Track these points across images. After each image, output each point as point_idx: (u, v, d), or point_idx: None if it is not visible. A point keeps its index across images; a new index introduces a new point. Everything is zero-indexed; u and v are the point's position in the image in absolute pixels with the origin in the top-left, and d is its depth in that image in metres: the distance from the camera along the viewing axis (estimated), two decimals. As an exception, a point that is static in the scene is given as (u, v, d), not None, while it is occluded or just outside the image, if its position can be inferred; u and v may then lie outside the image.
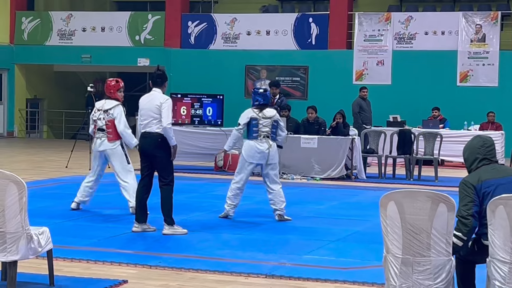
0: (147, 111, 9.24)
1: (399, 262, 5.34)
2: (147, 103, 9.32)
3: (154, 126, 9.19)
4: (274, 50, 23.77)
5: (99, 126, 10.72)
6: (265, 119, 10.59)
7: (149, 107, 9.25)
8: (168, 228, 9.23)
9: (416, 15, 23.11)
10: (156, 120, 9.18)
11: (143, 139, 9.32)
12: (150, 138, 9.20)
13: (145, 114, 9.25)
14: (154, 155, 9.22)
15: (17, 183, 5.94)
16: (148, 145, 9.24)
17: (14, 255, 6.07)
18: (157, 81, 9.49)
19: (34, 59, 25.94)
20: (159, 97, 9.28)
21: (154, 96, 9.34)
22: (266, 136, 10.54)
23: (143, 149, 9.32)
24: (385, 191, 5.60)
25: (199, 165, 17.52)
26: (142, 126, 9.34)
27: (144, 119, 9.27)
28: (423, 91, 22.31)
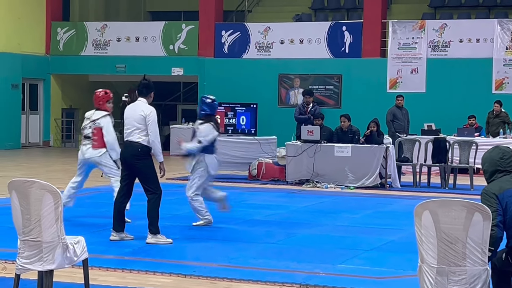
0: (131, 120, 9.29)
1: (434, 272, 5.30)
2: (131, 112, 9.35)
3: (135, 136, 9.24)
4: (307, 59, 23.76)
5: (85, 134, 10.85)
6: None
7: (133, 116, 9.30)
8: (151, 237, 9.23)
9: (451, 22, 22.98)
10: (139, 130, 9.23)
11: (124, 148, 9.38)
12: (131, 147, 9.25)
13: (129, 123, 9.30)
14: (134, 164, 9.25)
15: (52, 193, 5.99)
16: (128, 154, 9.29)
17: (50, 264, 6.11)
18: (142, 90, 9.45)
19: (70, 69, 26.19)
20: (143, 107, 9.29)
21: (137, 106, 9.36)
22: None
23: (124, 158, 9.39)
24: (420, 200, 5.57)
25: (233, 174, 17.55)
26: (126, 135, 9.37)
27: (128, 128, 9.32)
28: (458, 99, 22.16)
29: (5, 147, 24.57)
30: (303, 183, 15.86)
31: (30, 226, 6.05)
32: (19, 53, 25.36)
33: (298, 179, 15.99)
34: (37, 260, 6.10)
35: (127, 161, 9.33)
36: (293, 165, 15.97)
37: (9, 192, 6.08)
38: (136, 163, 9.26)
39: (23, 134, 25.81)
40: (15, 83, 25.34)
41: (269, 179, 16.43)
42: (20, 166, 19.14)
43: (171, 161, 22.29)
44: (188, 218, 11.27)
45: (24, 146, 25.61)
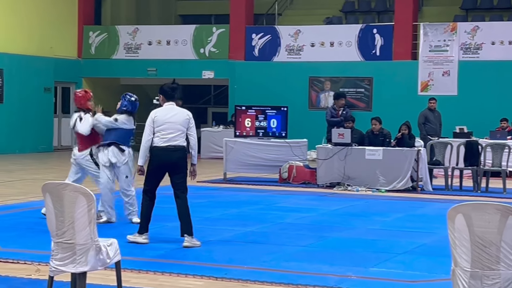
0: (175, 124, 9.24)
1: (468, 276, 5.26)
2: (173, 116, 9.24)
3: (181, 140, 9.32)
4: (338, 62, 23.73)
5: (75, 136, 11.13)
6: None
7: (178, 120, 9.27)
8: (190, 239, 9.23)
9: (483, 24, 22.82)
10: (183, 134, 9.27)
11: (168, 152, 9.22)
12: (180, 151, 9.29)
13: (172, 128, 9.20)
14: (182, 167, 9.43)
15: (86, 195, 6.03)
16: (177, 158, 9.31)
17: (84, 267, 6.16)
18: (173, 95, 9.37)
19: (101, 72, 26.37)
20: (184, 111, 9.37)
21: (178, 110, 9.34)
22: None
23: (171, 162, 9.30)
24: (452, 203, 5.54)
25: (264, 177, 17.56)
26: (167, 139, 9.22)
27: (170, 132, 9.22)
28: (490, 102, 22.00)
29: (37, 150, 24.80)
30: (334, 186, 15.83)
31: (63, 228, 6.10)
32: (52, 57, 25.58)
33: (329, 182, 15.97)
34: (71, 262, 6.15)
35: (178, 164, 9.25)
36: (324, 168, 15.94)
37: (43, 194, 6.13)
38: (183, 166, 9.29)
39: (55, 137, 26.04)
40: (47, 86, 25.58)
41: (300, 182, 16.42)
42: (52, 169, 19.31)
43: (203, 164, 22.37)
44: (220, 221, 11.30)
45: (56, 149, 25.83)
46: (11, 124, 24.15)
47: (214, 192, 15.13)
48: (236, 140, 17.33)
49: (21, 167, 19.48)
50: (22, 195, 13.82)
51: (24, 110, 24.61)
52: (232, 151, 17.16)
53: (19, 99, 24.39)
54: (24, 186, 15.41)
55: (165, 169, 9.30)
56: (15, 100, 24.26)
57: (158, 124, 9.16)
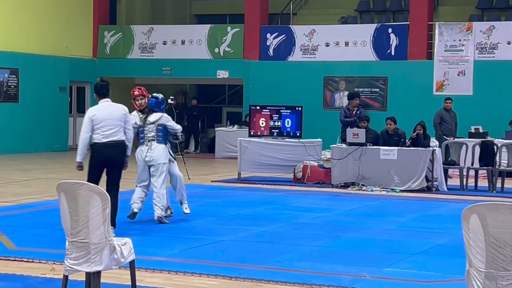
0: (113, 120, 9.59)
1: (483, 276, 5.24)
2: (109, 113, 9.62)
3: (120, 134, 9.64)
4: (353, 61, 23.68)
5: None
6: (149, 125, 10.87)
7: (114, 116, 9.62)
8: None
9: (498, 24, 22.72)
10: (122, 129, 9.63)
11: (109, 147, 9.59)
12: (119, 146, 9.61)
13: (111, 124, 9.58)
14: (121, 162, 9.69)
15: (100, 195, 6.05)
16: (118, 153, 9.65)
17: (98, 266, 6.17)
18: (104, 92, 9.74)
19: (116, 72, 26.42)
20: (119, 106, 9.74)
21: (114, 106, 9.72)
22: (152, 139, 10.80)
23: (112, 157, 9.65)
24: (467, 203, 5.52)
25: (278, 176, 17.56)
26: (107, 135, 9.60)
27: (110, 128, 9.59)
28: (505, 102, 21.89)
29: (53, 149, 24.89)
30: (348, 186, 15.81)
31: (78, 228, 6.12)
32: (67, 57, 25.67)
33: (343, 182, 15.95)
34: (85, 261, 6.17)
35: (116, 160, 9.62)
36: (338, 168, 15.92)
37: (57, 194, 6.15)
38: (122, 162, 9.68)
39: (70, 136, 26.12)
40: (62, 86, 25.67)
41: (314, 182, 16.41)
42: (67, 168, 19.35)
43: (217, 163, 22.39)
44: (234, 220, 11.31)
45: (71, 149, 25.89)
46: (26, 124, 24.25)
47: (229, 191, 15.14)
48: (250, 140, 17.34)
49: (36, 167, 19.56)
50: (37, 194, 13.88)
51: (39, 109, 24.71)
52: (247, 150, 17.16)
53: (35, 99, 24.49)
54: (39, 185, 15.48)
55: (106, 164, 9.66)
56: (31, 100, 24.37)
57: (97, 122, 9.56)
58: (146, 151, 10.73)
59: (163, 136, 10.85)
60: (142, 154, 10.75)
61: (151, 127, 10.81)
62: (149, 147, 10.75)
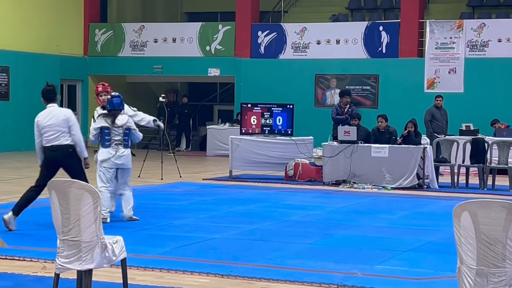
0: (54, 126, 9.82)
1: (474, 273, 5.26)
2: (51, 119, 9.89)
3: (63, 139, 9.86)
4: (344, 59, 23.71)
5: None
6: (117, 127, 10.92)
7: (56, 122, 9.86)
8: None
9: (489, 22, 22.77)
10: (64, 133, 9.85)
11: (53, 151, 9.85)
12: (62, 150, 9.82)
13: (52, 129, 9.83)
14: (67, 164, 9.93)
15: (91, 193, 6.04)
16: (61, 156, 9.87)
17: (89, 264, 6.16)
18: (50, 96, 10.20)
19: (107, 70, 26.38)
20: (63, 111, 10.11)
21: (56, 111, 10.02)
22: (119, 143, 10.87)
23: (55, 160, 9.91)
24: (458, 200, 5.53)
25: (270, 174, 17.57)
26: (49, 140, 9.86)
27: (52, 133, 9.84)
28: (496, 99, 21.96)
29: (44, 148, 24.81)
30: (339, 183, 15.83)
31: (69, 226, 6.11)
32: (58, 55, 25.62)
33: (334, 180, 15.97)
34: (76, 260, 6.16)
35: (60, 162, 9.88)
36: (329, 166, 15.94)
37: (48, 192, 6.14)
38: (71, 163, 9.91)
39: (61, 134, 26.05)
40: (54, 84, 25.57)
41: (306, 180, 16.42)
42: (58, 167, 19.32)
43: (208, 161, 22.39)
44: (225, 218, 11.31)
45: (62, 147, 25.86)
46: (17, 122, 24.19)
47: (220, 189, 15.14)
48: (242, 138, 17.34)
49: (27, 165, 19.50)
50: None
51: (30, 107, 24.57)
52: (238, 148, 17.17)
53: (25, 97, 24.42)
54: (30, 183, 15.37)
55: (54, 166, 9.96)
56: (21, 98, 24.30)
57: (41, 127, 9.90)
58: (114, 154, 10.80)
59: (129, 140, 10.97)
60: (109, 156, 10.81)
61: (118, 130, 10.87)
62: (117, 150, 10.82)
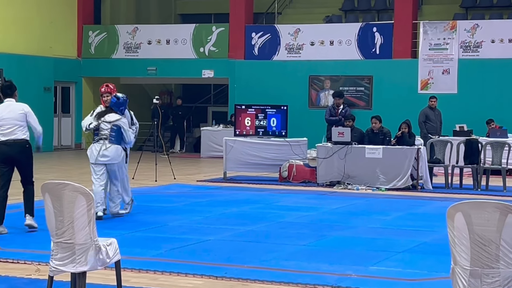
0: (11, 120, 9.98)
1: (467, 274, 5.27)
2: (8, 113, 10.03)
3: (20, 133, 10.03)
4: (338, 60, 23.72)
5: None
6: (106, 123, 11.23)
7: (13, 115, 10.02)
8: (31, 218, 10.10)
9: (482, 23, 22.80)
10: (22, 127, 10.06)
11: (9, 146, 9.95)
12: (18, 144, 9.97)
13: (9, 123, 9.97)
14: (20, 159, 10.09)
15: (85, 195, 6.04)
16: (16, 151, 10.01)
17: (83, 266, 6.16)
18: (7, 91, 10.28)
19: (101, 72, 26.35)
20: (20, 106, 10.26)
21: (13, 106, 10.17)
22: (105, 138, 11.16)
23: (11, 155, 10.02)
24: (452, 201, 5.54)
25: (264, 175, 17.56)
26: (5, 134, 9.97)
27: (8, 127, 9.97)
28: (490, 100, 21.98)
29: (37, 150, 24.76)
30: (334, 184, 15.83)
31: (63, 228, 6.10)
32: (51, 57, 25.58)
33: (329, 181, 15.97)
34: (70, 262, 6.15)
35: (16, 158, 9.97)
36: (324, 167, 15.95)
37: (42, 194, 6.13)
38: (25, 158, 10.09)
39: (55, 137, 26.03)
40: (47, 86, 25.57)
41: (300, 181, 16.43)
42: (52, 169, 19.31)
43: (202, 163, 22.38)
44: (219, 220, 11.30)
45: (56, 149, 25.83)
46: (11, 124, 24.13)
47: (214, 191, 15.13)
48: (236, 139, 17.33)
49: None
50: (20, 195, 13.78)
51: (24, 110, 24.60)
52: (232, 150, 17.16)
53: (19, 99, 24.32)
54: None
55: (9, 161, 10.00)
56: (15, 100, 24.24)
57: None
58: (99, 149, 11.13)
59: (116, 137, 11.17)
60: (95, 151, 11.14)
61: (106, 125, 11.25)
62: (102, 145, 11.16)
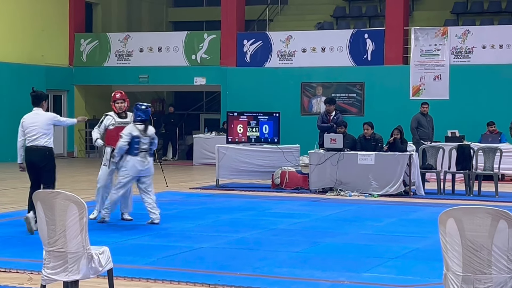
0: (36, 127, 10.52)
1: (460, 280, 5.27)
2: (34, 121, 10.61)
3: (42, 140, 10.50)
4: (329, 67, 23.76)
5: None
6: (146, 137, 11.32)
7: (37, 123, 10.55)
8: None
9: (473, 29, 22.88)
10: (45, 135, 10.51)
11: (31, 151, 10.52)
12: (39, 151, 10.47)
13: (34, 130, 10.51)
14: (42, 167, 10.50)
15: (77, 204, 6.03)
16: (37, 158, 10.50)
17: (76, 275, 6.15)
18: (34, 101, 10.82)
19: (93, 80, 26.35)
20: (46, 115, 10.72)
21: (40, 115, 10.65)
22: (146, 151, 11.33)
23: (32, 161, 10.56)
24: (445, 207, 5.54)
25: (256, 182, 17.56)
26: (31, 140, 10.55)
27: (33, 134, 10.53)
28: (481, 106, 22.05)
29: (29, 158, 24.72)
30: (326, 191, 15.84)
31: (55, 237, 6.09)
32: (43, 65, 25.55)
33: (321, 188, 15.98)
34: (63, 271, 6.14)
35: (37, 164, 10.47)
36: (316, 174, 15.95)
37: (34, 203, 6.12)
38: (47, 165, 10.49)
39: (47, 145, 25.94)
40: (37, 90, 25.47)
41: (293, 188, 16.43)
42: (44, 177, 19.24)
43: (195, 170, 22.36)
44: (212, 227, 11.29)
45: (48, 157, 25.75)
46: (2, 132, 24.07)
47: (207, 198, 15.11)
48: (228, 146, 17.33)
49: (12, 176, 19.41)
50: (14, 204, 13.80)
51: (15, 118, 24.39)
52: (225, 157, 17.16)
53: (11, 107, 24.33)
54: (15, 194, 15.38)
55: (33, 166, 10.52)
56: (7, 109, 24.21)
57: (25, 127, 10.60)
58: (142, 164, 11.23)
59: (152, 149, 11.47)
60: (138, 166, 11.21)
61: (147, 139, 11.30)
62: (143, 159, 11.27)
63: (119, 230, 10.96)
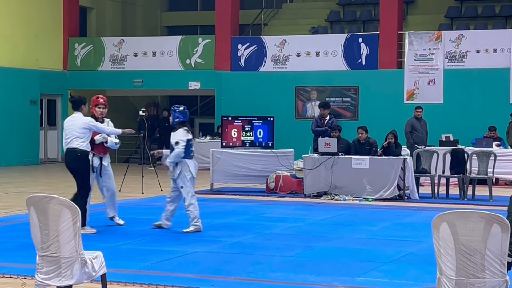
0: (71, 130, 10.75)
1: (453, 284, 5.28)
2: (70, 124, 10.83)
3: (74, 143, 10.75)
4: (324, 71, 23.77)
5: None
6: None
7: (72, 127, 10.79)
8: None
9: (467, 33, 22.92)
10: (78, 138, 10.72)
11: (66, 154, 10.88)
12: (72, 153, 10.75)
13: (69, 133, 10.76)
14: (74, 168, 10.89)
15: (70, 209, 6.02)
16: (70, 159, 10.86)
17: (69, 280, 6.14)
18: (73, 106, 10.98)
19: (87, 84, 26.31)
20: (83, 119, 10.83)
21: (76, 118, 10.85)
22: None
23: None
24: (439, 211, 5.55)
25: (251, 187, 17.55)
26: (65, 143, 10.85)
27: (68, 137, 10.82)
28: (475, 110, 22.08)
29: (24, 163, 24.71)
30: (321, 195, 15.84)
31: (48, 242, 6.08)
32: (37, 69, 25.53)
33: (316, 192, 15.98)
34: (56, 276, 6.13)
35: (68, 166, 10.84)
36: (310, 178, 15.95)
37: (27, 208, 6.11)
38: (76, 167, 10.78)
39: (41, 149, 25.94)
40: (33, 99, 25.51)
41: (287, 192, 16.42)
42: (38, 182, 19.24)
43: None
44: (206, 231, 11.27)
45: (42, 162, 25.74)
46: (-3, 137, 24.07)
47: (201, 203, 15.02)
48: (222, 151, 17.33)
49: (7, 180, 19.40)
50: (7, 209, 13.77)
51: (10, 122, 24.53)
52: (219, 161, 17.15)
53: (5, 112, 24.32)
54: (9, 199, 15.35)
55: (68, 169, 10.90)
56: (1, 113, 24.19)
57: (64, 131, 10.91)
58: (196, 165, 11.41)
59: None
60: (196, 168, 11.38)
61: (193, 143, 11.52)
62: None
63: (112, 235, 10.94)
